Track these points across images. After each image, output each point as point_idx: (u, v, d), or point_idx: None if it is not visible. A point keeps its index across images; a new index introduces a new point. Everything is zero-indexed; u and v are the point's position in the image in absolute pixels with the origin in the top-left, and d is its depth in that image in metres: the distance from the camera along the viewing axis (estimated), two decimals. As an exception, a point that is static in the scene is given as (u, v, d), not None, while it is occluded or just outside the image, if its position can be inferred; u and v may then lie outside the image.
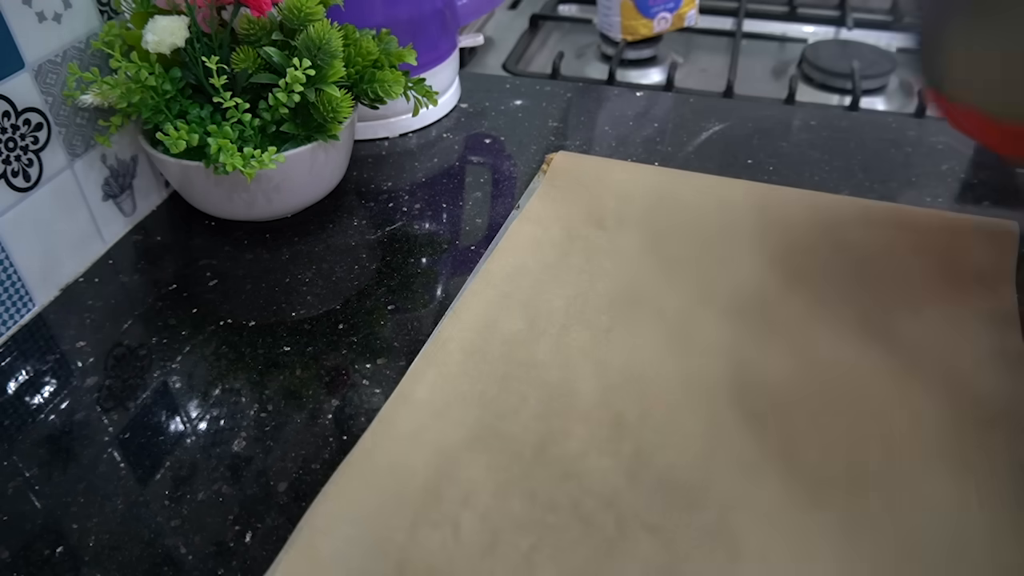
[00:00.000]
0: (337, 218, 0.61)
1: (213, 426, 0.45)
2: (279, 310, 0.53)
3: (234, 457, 0.43)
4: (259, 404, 0.46)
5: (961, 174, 0.64)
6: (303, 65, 0.51)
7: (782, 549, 0.38)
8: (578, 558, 0.37)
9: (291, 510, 0.40)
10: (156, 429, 0.45)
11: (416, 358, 0.48)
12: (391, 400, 0.45)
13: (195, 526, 0.40)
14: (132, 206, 0.61)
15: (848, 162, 0.66)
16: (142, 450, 0.44)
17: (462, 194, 0.64)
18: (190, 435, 0.45)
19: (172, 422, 0.45)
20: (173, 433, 0.45)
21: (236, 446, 0.44)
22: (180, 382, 0.48)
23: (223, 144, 0.50)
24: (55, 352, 0.50)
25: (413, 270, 0.56)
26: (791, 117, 0.74)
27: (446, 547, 0.37)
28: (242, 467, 0.43)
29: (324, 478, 0.42)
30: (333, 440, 0.44)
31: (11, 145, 0.49)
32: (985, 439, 0.42)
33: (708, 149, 0.68)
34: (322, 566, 0.37)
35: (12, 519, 0.40)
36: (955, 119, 0.48)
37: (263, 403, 0.46)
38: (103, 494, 0.41)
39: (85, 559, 0.38)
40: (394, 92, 0.57)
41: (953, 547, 0.38)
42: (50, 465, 0.43)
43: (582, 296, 0.52)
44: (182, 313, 0.53)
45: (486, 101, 0.77)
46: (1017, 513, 0.39)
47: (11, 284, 0.51)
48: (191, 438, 0.44)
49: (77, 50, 0.53)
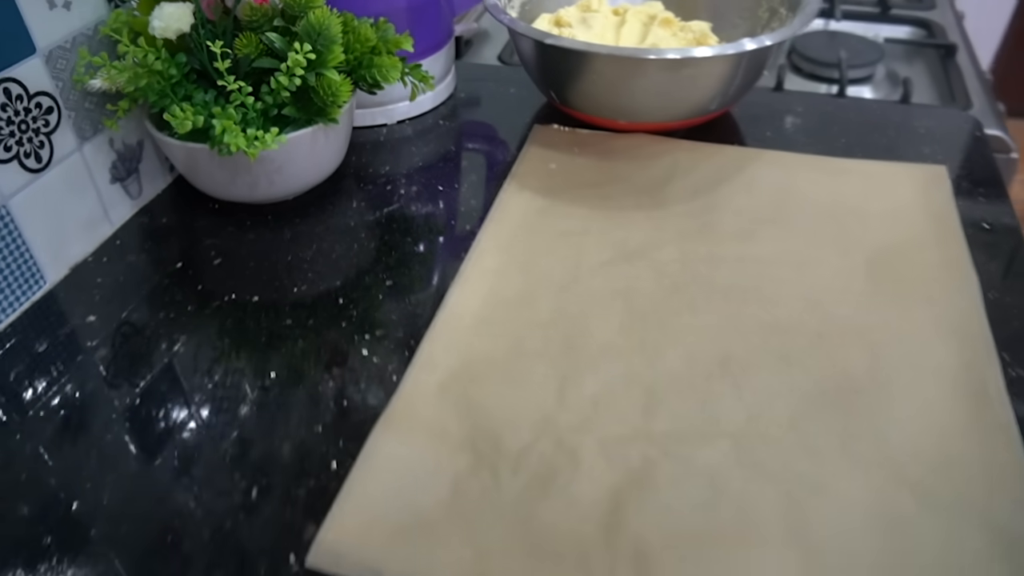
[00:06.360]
0: (337, 200, 0.64)
1: (219, 392, 0.47)
2: (281, 286, 0.55)
3: (240, 420, 0.45)
4: (263, 373, 0.48)
5: (940, 156, 0.66)
6: (304, 49, 0.53)
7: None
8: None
9: (294, 468, 0.43)
10: (165, 396, 0.47)
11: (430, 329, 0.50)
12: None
13: (203, 483, 0.42)
14: (138, 189, 0.63)
15: (832, 145, 0.68)
16: (153, 414, 0.46)
17: (458, 177, 0.66)
18: (198, 401, 0.47)
19: (180, 389, 0.48)
20: (181, 399, 0.47)
21: (241, 411, 0.46)
22: (187, 352, 0.50)
23: (227, 125, 0.52)
24: (66, 326, 0.52)
25: (410, 248, 0.58)
26: (778, 103, 0.76)
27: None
28: (247, 429, 0.45)
29: (326, 441, 0.44)
30: (334, 405, 0.46)
31: (24, 127, 0.51)
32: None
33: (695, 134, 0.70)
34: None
35: (30, 478, 0.42)
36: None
37: (267, 372, 0.48)
38: (116, 454, 0.44)
39: (101, 513, 0.40)
40: (391, 77, 0.59)
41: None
42: (64, 430, 0.45)
43: (575, 253, 0.56)
44: (188, 289, 0.55)
45: (481, 90, 0.79)
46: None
47: (23, 262, 0.53)
48: (199, 404, 0.47)
49: (86, 36, 0.55)
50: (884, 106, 0.75)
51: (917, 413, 0.44)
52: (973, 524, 0.38)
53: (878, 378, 0.46)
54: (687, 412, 0.44)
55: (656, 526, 0.39)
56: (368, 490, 0.41)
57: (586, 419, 0.44)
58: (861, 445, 0.42)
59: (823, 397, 0.45)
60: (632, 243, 0.57)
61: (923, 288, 0.52)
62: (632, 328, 0.50)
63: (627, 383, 0.46)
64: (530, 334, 0.50)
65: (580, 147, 0.68)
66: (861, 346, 0.48)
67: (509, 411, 0.45)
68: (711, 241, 0.57)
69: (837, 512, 0.39)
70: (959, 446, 0.42)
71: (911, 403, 0.44)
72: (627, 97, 0.65)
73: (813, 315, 0.50)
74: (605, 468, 0.41)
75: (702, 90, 0.64)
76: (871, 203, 0.60)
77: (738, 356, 0.48)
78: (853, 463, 0.41)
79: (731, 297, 0.52)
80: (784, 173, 0.64)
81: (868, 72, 0.94)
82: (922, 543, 0.38)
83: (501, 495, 0.40)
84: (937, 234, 0.56)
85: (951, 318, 0.49)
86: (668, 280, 0.53)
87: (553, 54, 0.64)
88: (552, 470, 0.41)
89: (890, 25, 1.06)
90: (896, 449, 0.42)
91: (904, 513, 0.39)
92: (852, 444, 0.42)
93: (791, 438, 0.43)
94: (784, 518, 0.39)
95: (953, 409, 0.44)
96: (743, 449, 0.42)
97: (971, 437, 0.42)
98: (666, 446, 0.42)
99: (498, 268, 0.55)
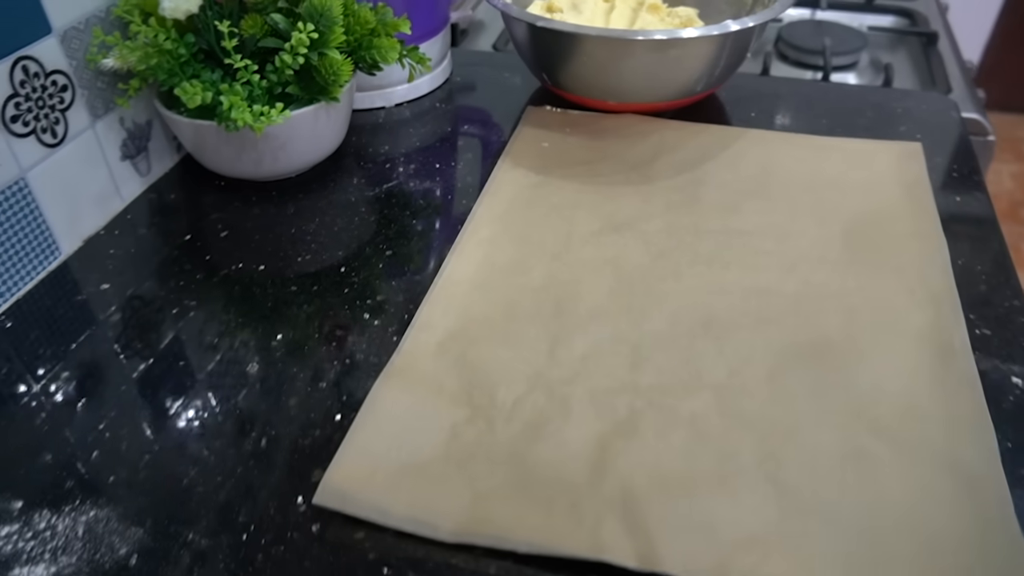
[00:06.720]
0: (338, 177, 0.66)
1: (229, 353, 0.50)
2: (286, 256, 0.58)
3: (249, 378, 0.48)
4: (270, 335, 0.51)
5: (917, 135, 0.69)
6: (307, 29, 0.55)
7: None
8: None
9: (301, 418, 0.45)
10: (177, 356, 0.50)
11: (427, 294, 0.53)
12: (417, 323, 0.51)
13: (216, 434, 0.45)
14: (147, 167, 0.65)
15: (814, 125, 0.71)
16: (166, 372, 0.49)
17: (454, 156, 0.69)
18: (209, 361, 0.49)
19: (192, 351, 0.50)
20: (193, 359, 0.49)
21: (250, 369, 0.49)
22: (197, 316, 0.53)
23: (234, 101, 0.55)
24: (81, 293, 0.55)
25: (408, 221, 0.61)
26: (763, 87, 0.78)
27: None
28: (256, 387, 0.47)
29: (330, 396, 0.46)
30: (337, 363, 0.49)
31: (40, 104, 0.54)
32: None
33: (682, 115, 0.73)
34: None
35: (51, 431, 0.45)
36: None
37: (273, 334, 0.51)
38: (132, 408, 0.46)
39: (119, 460, 0.43)
40: (390, 58, 0.62)
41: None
42: (82, 387, 0.48)
43: (566, 225, 0.59)
44: (197, 260, 0.58)
45: (476, 75, 0.82)
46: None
47: (40, 232, 0.56)
48: (210, 363, 0.49)
49: (98, 18, 0.58)
50: (865, 89, 0.78)
51: (887, 367, 0.47)
52: (937, 465, 0.41)
53: (851, 336, 0.49)
54: (671, 367, 0.47)
55: (642, 469, 0.41)
56: (371, 436, 0.43)
57: (576, 374, 0.47)
58: (833, 394, 0.45)
59: (799, 354, 0.48)
60: (621, 215, 0.60)
61: (896, 255, 0.55)
62: (620, 293, 0.53)
63: (615, 342, 0.49)
64: (523, 298, 0.52)
65: (572, 127, 0.70)
66: (836, 308, 0.51)
67: (503, 368, 0.47)
68: (696, 213, 0.60)
69: (810, 456, 0.42)
70: (926, 396, 0.45)
71: (881, 358, 0.47)
72: (616, 78, 0.67)
73: (792, 281, 0.53)
74: (594, 417, 0.44)
75: (688, 71, 0.67)
76: (849, 177, 0.63)
77: (720, 318, 0.51)
78: (825, 411, 0.44)
79: (714, 264, 0.55)
80: (767, 150, 0.67)
81: (852, 60, 0.97)
82: (890, 483, 0.40)
83: (496, 440, 0.43)
84: (911, 206, 0.59)
85: (922, 282, 0.52)
86: (655, 248, 0.56)
87: (545, 37, 0.67)
88: (544, 418, 0.44)
89: (874, 15, 1.09)
90: (866, 398, 0.45)
91: (873, 455, 0.42)
92: (825, 394, 0.45)
93: (768, 390, 0.46)
94: (761, 462, 0.42)
95: (921, 363, 0.47)
96: (723, 400, 0.45)
97: (937, 388, 0.45)
98: (651, 397, 0.45)
99: (493, 238, 0.57)
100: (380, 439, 0.43)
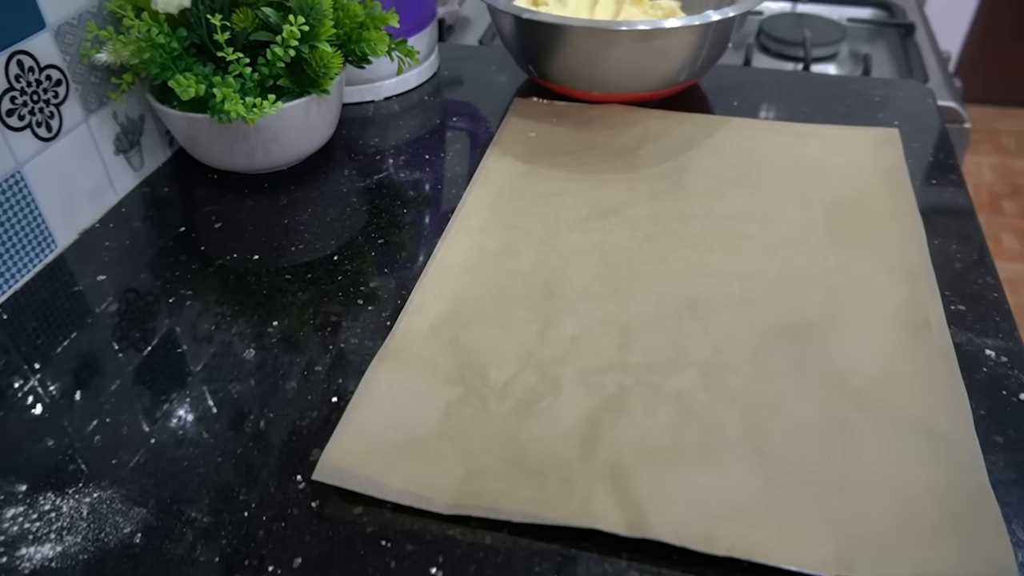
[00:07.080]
0: (329, 169, 0.67)
1: (226, 338, 0.51)
2: (280, 246, 0.59)
3: (246, 364, 0.49)
4: (266, 322, 0.52)
5: (895, 121, 0.71)
6: (297, 21, 0.56)
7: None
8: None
9: (299, 401, 0.46)
10: (175, 344, 0.51)
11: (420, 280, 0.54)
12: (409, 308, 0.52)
13: (215, 418, 0.46)
14: (140, 161, 0.66)
15: (794, 113, 0.73)
16: (163, 359, 0.49)
17: (443, 147, 0.70)
18: (207, 346, 0.50)
19: (189, 337, 0.51)
20: (191, 346, 0.50)
21: (247, 356, 0.50)
22: (194, 305, 0.54)
23: (227, 93, 0.56)
24: (78, 285, 0.56)
25: (399, 211, 0.62)
26: (745, 77, 0.80)
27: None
28: (253, 371, 0.49)
29: (326, 379, 0.48)
30: (332, 348, 0.50)
31: (35, 98, 0.55)
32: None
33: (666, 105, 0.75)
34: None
35: (52, 417, 0.46)
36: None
37: (269, 321, 0.52)
38: (132, 395, 0.47)
39: (121, 443, 0.44)
40: (379, 50, 0.63)
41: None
42: (81, 375, 0.49)
43: (554, 212, 0.60)
44: (191, 251, 0.59)
45: (463, 69, 0.83)
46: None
47: (36, 225, 0.56)
48: (208, 349, 0.50)
49: (91, 13, 0.59)
50: (843, 79, 0.80)
51: (866, 341, 0.48)
52: (915, 433, 0.43)
53: (832, 315, 0.50)
54: (658, 347, 0.49)
55: (631, 443, 0.43)
56: (367, 416, 0.44)
57: (566, 354, 0.48)
58: (815, 369, 0.47)
59: (782, 332, 0.49)
60: (607, 202, 0.61)
61: (875, 236, 0.56)
62: (607, 276, 0.54)
63: (603, 324, 0.50)
64: (514, 282, 0.54)
65: (558, 117, 0.72)
66: (817, 289, 0.52)
67: (495, 349, 0.49)
68: (681, 199, 0.61)
69: (793, 427, 0.43)
70: (903, 367, 0.46)
71: (860, 334, 0.49)
72: (601, 68, 0.69)
73: (774, 263, 0.55)
74: (584, 394, 0.45)
75: (671, 61, 0.68)
76: (829, 162, 0.64)
77: (705, 299, 0.52)
78: (808, 385, 0.46)
79: (699, 248, 0.56)
80: (749, 137, 0.68)
81: (832, 51, 0.99)
82: (870, 452, 0.42)
83: (489, 418, 0.44)
84: (889, 189, 0.61)
85: (900, 261, 0.54)
86: (641, 233, 0.58)
87: (531, 28, 0.68)
88: (535, 395, 0.45)
89: (853, 7, 1.11)
90: (847, 372, 0.46)
91: (853, 425, 0.43)
92: (807, 369, 0.47)
93: (752, 366, 0.47)
94: (746, 434, 0.43)
95: (898, 337, 0.48)
96: (709, 376, 0.46)
97: (913, 360, 0.47)
98: (639, 375, 0.47)
99: (483, 225, 0.59)
100: (376, 419, 0.44)
